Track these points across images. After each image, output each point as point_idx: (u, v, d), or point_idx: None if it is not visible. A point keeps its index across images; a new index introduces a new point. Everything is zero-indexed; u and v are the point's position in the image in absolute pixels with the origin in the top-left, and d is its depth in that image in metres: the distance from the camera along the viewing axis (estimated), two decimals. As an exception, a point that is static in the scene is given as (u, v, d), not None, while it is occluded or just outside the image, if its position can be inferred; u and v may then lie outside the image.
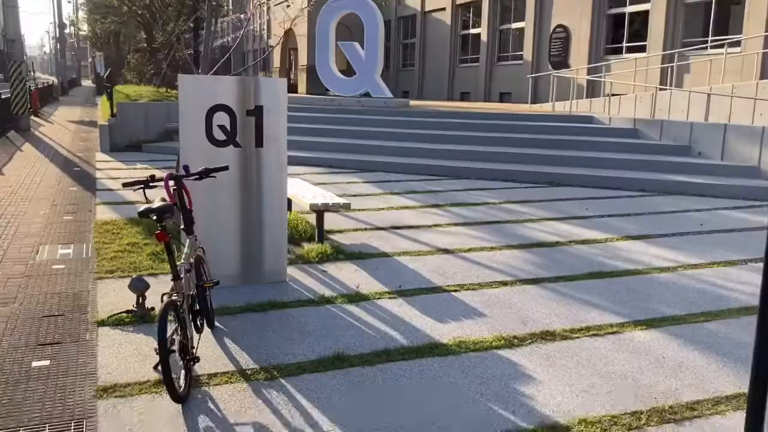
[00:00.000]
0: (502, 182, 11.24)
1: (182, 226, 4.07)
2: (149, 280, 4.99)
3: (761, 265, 5.33)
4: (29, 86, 19.76)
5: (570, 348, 4.30)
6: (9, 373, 3.76)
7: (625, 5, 19.60)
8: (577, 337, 4.48)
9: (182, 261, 3.77)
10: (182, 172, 4.23)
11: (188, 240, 3.99)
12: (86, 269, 5.76)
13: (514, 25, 24.90)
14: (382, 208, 8.81)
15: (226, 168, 4.34)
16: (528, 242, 7.11)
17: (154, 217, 3.52)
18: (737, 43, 15.63)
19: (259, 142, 5.42)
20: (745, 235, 7.69)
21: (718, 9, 16.77)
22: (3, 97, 17.45)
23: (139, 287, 4.67)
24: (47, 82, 38.84)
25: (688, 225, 8.17)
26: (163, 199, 3.80)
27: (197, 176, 4.16)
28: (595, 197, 9.99)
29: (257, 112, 5.38)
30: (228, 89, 5.28)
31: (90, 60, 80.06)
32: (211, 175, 4.20)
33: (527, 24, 23.55)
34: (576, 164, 11.94)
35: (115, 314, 4.62)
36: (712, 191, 10.26)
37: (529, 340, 4.41)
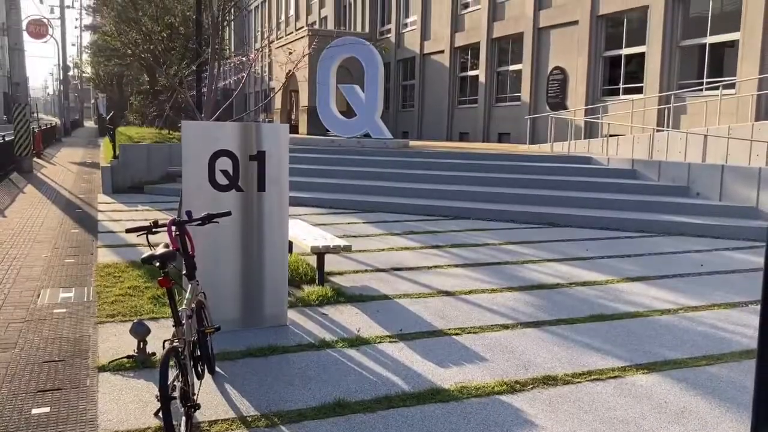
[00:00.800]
0: (501, 222, 11.28)
1: (184, 272, 4.09)
2: (150, 324, 4.99)
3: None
4: (33, 128, 19.98)
5: (572, 393, 4.28)
6: (9, 421, 3.74)
7: (621, 48, 19.94)
8: (579, 382, 4.46)
9: (184, 306, 3.78)
10: (185, 217, 4.27)
11: (190, 285, 4.01)
12: (87, 313, 5.76)
13: (512, 67, 25.28)
14: (383, 249, 8.84)
15: (228, 213, 4.39)
16: (528, 284, 7.12)
17: (158, 264, 3.55)
18: (732, 85, 15.86)
19: (262, 187, 5.48)
20: (745, 277, 7.70)
21: (712, 51, 17.06)
22: (7, 139, 17.61)
23: (140, 332, 4.67)
24: (50, 124, 39.22)
25: (688, 266, 8.18)
26: (167, 245, 3.83)
27: (200, 222, 4.20)
28: (595, 238, 10.02)
29: (260, 157, 5.45)
30: (231, 135, 5.36)
31: (93, 101, 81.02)
32: (214, 220, 4.24)
33: (525, 66, 23.91)
34: (575, 205, 12.01)
35: (116, 359, 4.61)
36: (711, 232, 10.30)
37: (531, 385, 4.39)
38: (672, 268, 8.06)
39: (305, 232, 7.47)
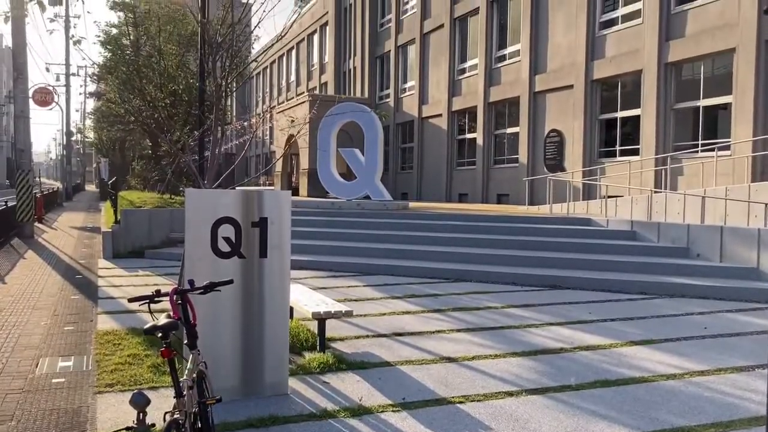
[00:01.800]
0: (503, 285, 11.25)
1: (185, 341, 4.07)
2: (150, 394, 4.90)
3: (768, 372, 5.27)
4: (35, 193, 20.13)
5: (579, 463, 4.19)
6: (3, 498, 3.65)
7: (617, 111, 20.31)
8: (586, 452, 4.37)
9: (185, 377, 3.74)
10: (187, 285, 4.26)
11: (191, 355, 3.98)
12: (86, 383, 5.69)
13: (509, 130, 25.67)
14: (384, 314, 8.79)
15: (230, 282, 4.39)
16: (532, 349, 7.05)
17: (160, 335, 3.54)
18: (727, 147, 16.08)
19: (263, 253, 5.50)
20: (750, 340, 7.63)
21: (705, 114, 17.37)
22: (9, 204, 17.73)
23: (140, 402, 4.57)
24: (52, 188, 39.54)
25: (691, 329, 8.12)
26: (169, 315, 3.82)
27: (202, 290, 4.20)
28: (597, 300, 9.98)
29: (262, 224, 5.48)
30: (233, 202, 5.41)
31: (95, 165, 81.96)
32: (216, 288, 4.24)
33: (521, 129, 24.29)
34: (576, 267, 12.00)
35: (115, 431, 4.52)
36: (713, 293, 10.26)
37: (538, 456, 4.30)
38: (675, 331, 8.00)
39: (306, 297, 7.45)
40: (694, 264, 11.53)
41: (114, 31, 28.07)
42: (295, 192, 33.15)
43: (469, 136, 28.29)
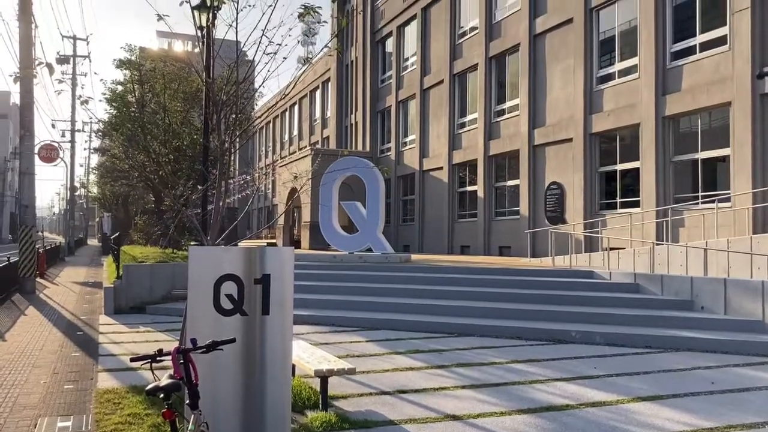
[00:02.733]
0: (507, 339, 11.14)
1: (187, 401, 4.02)
2: (149, 456, 4.83)
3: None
4: (37, 248, 20.15)
5: None
6: None
7: (616, 163, 20.48)
8: None
9: (186, 439, 3.69)
10: (189, 344, 4.24)
11: (193, 415, 3.93)
12: (85, 444, 5.60)
13: (510, 183, 25.86)
14: (387, 370, 8.69)
15: (233, 341, 4.37)
16: (537, 406, 6.95)
17: (162, 396, 3.51)
18: (727, 198, 16.16)
19: (266, 310, 5.47)
20: (760, 395, 7.51)
21: (704, 166, 17.52)
22: (12, 260, 17.74)
23: (139, 465, 4.52)
24: (54, 243, 39.62)
25: (698, 384, 8.01)
26: (171, 375, 3.80)
27: (204, 349, 4.18)
28: (602, 355, 9.87)
29: (264, 281, 5.48)
30: (236, 259, 5.41)
31: (98, 219, 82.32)
32: (218, 348, 4.22)
33: (522, 181, 24.47)
34: (581, 320, 11.90)
35: (113, 496, 4.44)
36: (719, 347, 10.15)
37: None
38: (683, 386, 7.89)
39: (308, 354, 7.39)
40: (699, 317, 11.44)
41: (120, 88, 28.61)
42: (297, 245, 33.19)
43: (470, 188, 28.49)
